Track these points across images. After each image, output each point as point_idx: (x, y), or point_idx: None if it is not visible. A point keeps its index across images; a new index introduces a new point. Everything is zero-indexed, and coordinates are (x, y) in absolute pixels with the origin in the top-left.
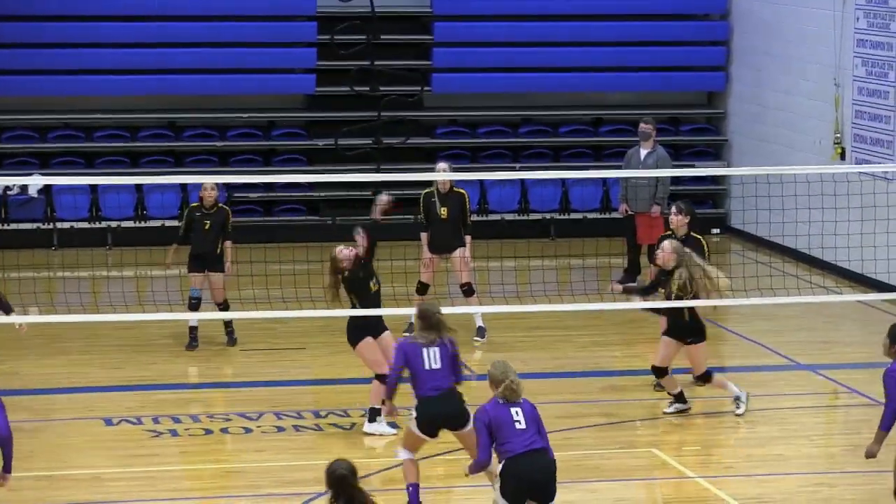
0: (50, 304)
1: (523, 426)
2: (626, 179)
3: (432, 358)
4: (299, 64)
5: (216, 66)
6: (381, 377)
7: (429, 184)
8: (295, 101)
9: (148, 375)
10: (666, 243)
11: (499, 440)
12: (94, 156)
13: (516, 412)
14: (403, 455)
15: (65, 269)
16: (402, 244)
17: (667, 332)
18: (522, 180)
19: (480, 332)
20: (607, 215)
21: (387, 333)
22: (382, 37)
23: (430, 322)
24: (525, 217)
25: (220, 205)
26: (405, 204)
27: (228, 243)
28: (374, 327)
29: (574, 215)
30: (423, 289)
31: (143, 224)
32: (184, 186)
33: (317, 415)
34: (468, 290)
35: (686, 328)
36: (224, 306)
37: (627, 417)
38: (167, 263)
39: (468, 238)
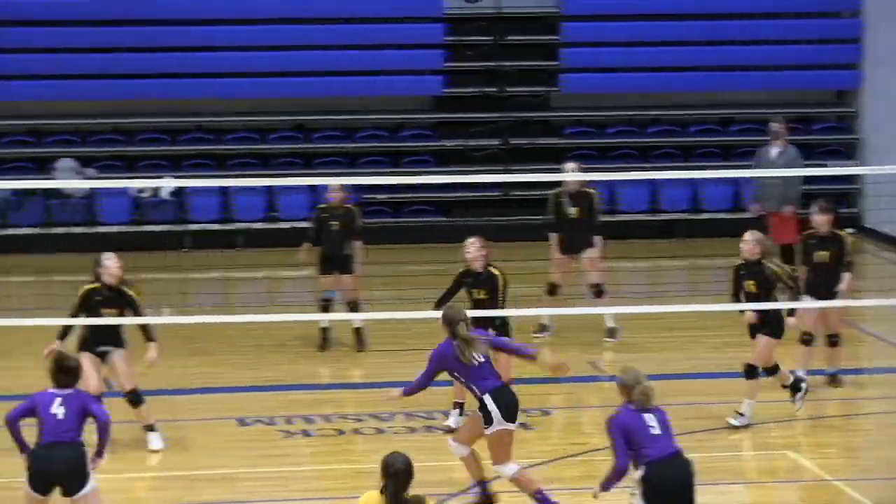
0: (182, 305)
1: (658, 432)
2: (759, 179)
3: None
4: (427, 65)
5: (345, 69)
6: None
7: (558, 184)
8: (423, 102)
9: (280, 376)
10: (748, 234)
11: (635, 447)
12: (225, 158)
13: (650, 418)
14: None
15: (197, 271)
16: (532, 245)
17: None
18: (652, 180)
19: (612, 332)
20: (738, 215)
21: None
22: (509, 37)
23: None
24: (655, 217)
25: (349, 206)
26: (533, 204)
27: (358, 244)
28: None
29: (704, 215)
30: (553, 289)
31: (273, 225)
32: (313, 188)
33: (447, 416)
34: (598, 291)
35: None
36: (354, 307)
37: (762, 419)
38: (300, 263)
39: (598, 238)
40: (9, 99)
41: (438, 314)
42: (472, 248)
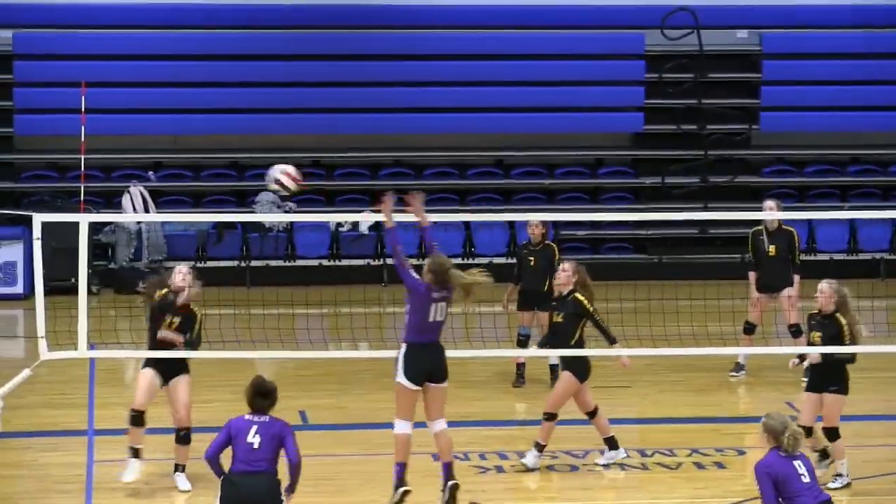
0: (380, 339)
1: (808, 480)
2: None
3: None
4: (627, 102)
5: (545, 105)
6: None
7: (757, 223)
8: (622, 139)
9: (475, 412)
10: (825, 285)
11: (786, 495)
12: (423, 193)
13: (799, 465)
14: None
15: (394, 305)
16: (731, 283)
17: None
18: (852, 220)
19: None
20: None
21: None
22: (710, 75)
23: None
24: (854, 257)
25: (549, 242)
26: (732, 243)
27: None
28: None
29: None
30: (751, 328)
31: (471, 261)
32: (511, 224)
33: (643, 454)
34: (797, 331)
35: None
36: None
37: None
38: (505, 305)
39: (797, 277)
40: (212, 132)
41: (634, 352)
42: (562, 275)
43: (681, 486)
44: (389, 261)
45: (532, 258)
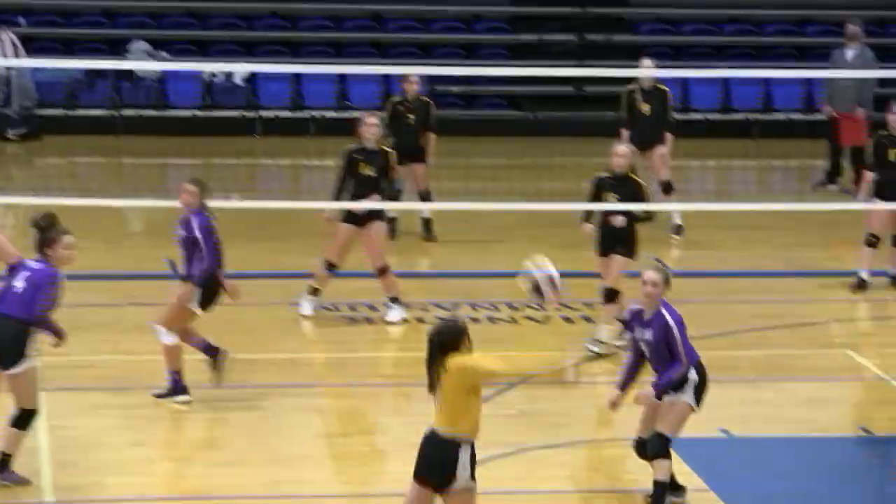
0: (253, 189)
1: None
2: (831, 80)
3: None
4: None
5: None
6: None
7: (632, 81)
8: None
9: (346, 264)
10: (622, 147)
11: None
12: (298, 45)
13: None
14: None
15: (267, 157)
16: (605, 140)
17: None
18: (725, 80)
19: (677, 229)
20: (810, 116)
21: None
22: None
23: None
24: (727, 117)
25: (424, 98)
26: (606, 100)
27: (431, 136)
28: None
29: (776, 115)
30: None
31: (345, 114)
32: (386, 77)
33: (511, 307)
34: (667, 187)
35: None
36: (425, 196)
37: (822, 317)
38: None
39: (669, 136)
40: None
41: (506, 207)
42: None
43: (548, 339)
44: (265, 113)
45: (410, 115)
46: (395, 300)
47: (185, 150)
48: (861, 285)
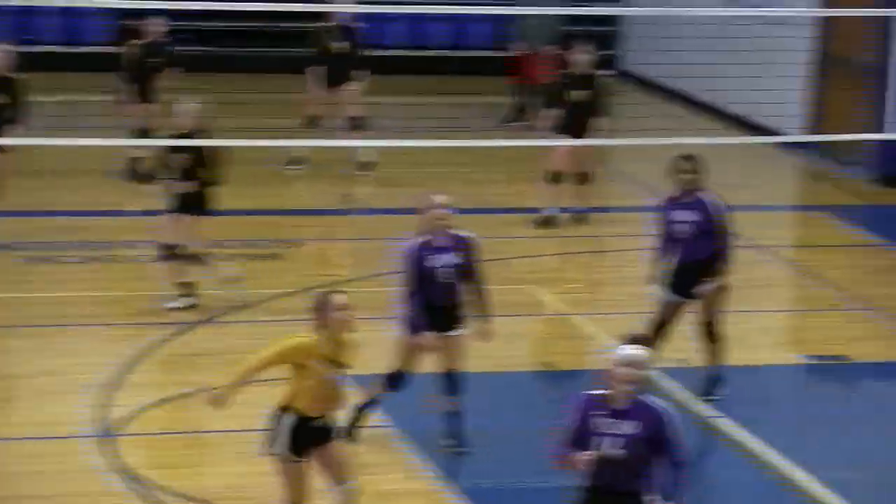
0: None
1: None
2: (523, 18)
3: None
4: None
5: None
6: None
7: (323, 16)
8: None
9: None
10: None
11: None
12: None
13: None
14: None
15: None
16: (292, 77)
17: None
18: (418, 16)
19: (365, 166)
20: (500, 53)
21: None
22: None
23: None
24: (418, 53)
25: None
26: (297, 37)
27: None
28: None
29: (468, 52)
30: (311, 122)
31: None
32: None
33: None
34: (356, 125)
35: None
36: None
37: (508, 254)
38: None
39: (363, 72)
40: None
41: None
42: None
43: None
44: None
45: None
46: None
47: None
48: (545, 222)
